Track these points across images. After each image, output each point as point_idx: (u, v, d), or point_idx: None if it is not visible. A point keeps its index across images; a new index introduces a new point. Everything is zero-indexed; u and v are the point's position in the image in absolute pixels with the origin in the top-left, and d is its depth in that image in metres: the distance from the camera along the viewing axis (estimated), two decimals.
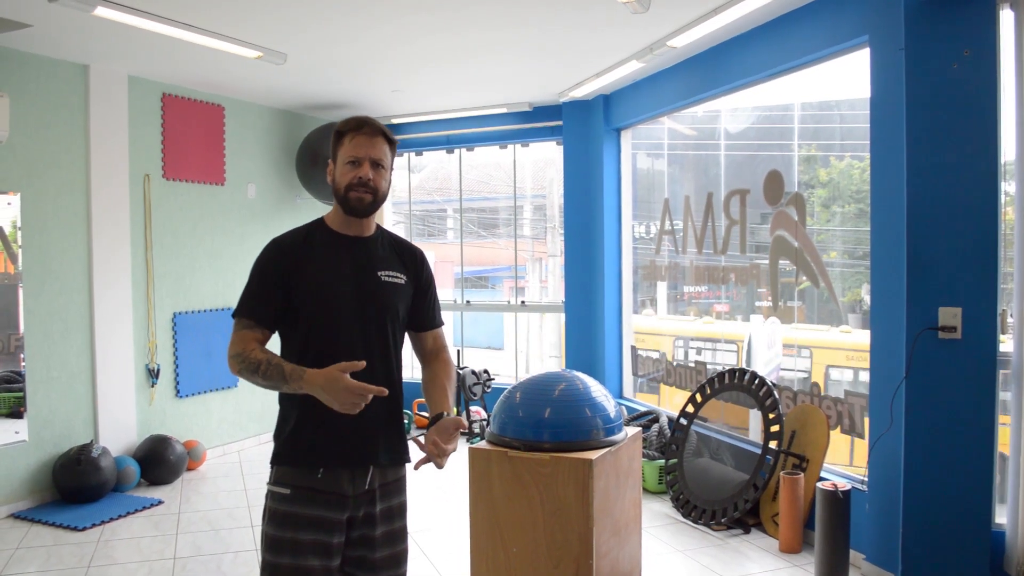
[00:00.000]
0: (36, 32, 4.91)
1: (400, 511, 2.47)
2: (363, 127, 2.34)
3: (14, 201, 5.29)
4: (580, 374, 3.75)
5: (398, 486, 2.46)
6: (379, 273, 2.39)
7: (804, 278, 4.96)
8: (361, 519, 2.33)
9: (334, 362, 2.15)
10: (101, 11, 4.41)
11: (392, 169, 2.46)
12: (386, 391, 2.14)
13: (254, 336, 2.29)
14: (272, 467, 2.35)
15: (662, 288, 7.38)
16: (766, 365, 6.35)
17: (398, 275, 2.43)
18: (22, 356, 5.36)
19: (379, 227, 2.50)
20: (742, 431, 5.54)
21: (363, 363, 2.13)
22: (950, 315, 3.65)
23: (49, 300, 5.50)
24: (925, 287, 3.70)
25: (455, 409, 2.57)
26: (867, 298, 5.90)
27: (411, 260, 2.51)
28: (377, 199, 2.37)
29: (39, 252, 5.44)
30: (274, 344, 2.37)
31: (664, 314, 7.43)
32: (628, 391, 7.12)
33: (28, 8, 4.50)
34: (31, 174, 5.38)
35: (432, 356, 2.58)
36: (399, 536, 2.44)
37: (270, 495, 2.31)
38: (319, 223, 2.44)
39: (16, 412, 5.37)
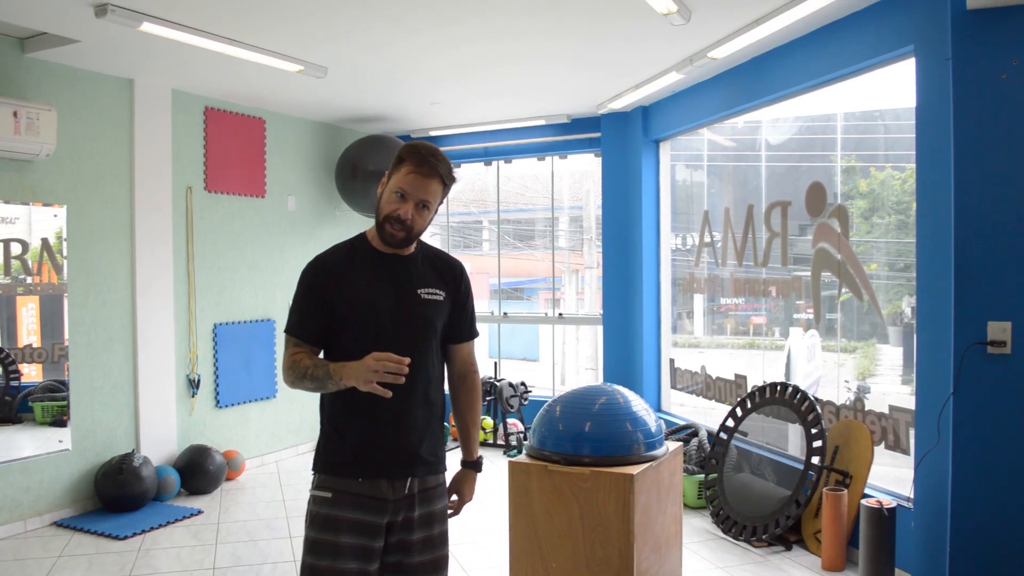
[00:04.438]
0: (83, 47, 5.01)
1: (440, 517, 2.51)
2: (423, 166, 2.33)
3: (60, 213, 5.38)
4: (620, 388, 3.72)
5: (438, 492, 2.50)
6: (419, 291, 2.43)
7: (846, 291, 4.89)
8: (400, 524, 2.38)
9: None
10: (147, 27, 4.49)
11: (441, 202, 2.47)
12: (408, 360, 2.20)
13: (305, 353, 2.37)
14: (314, 473, 2.41)
15: (699, 300, 7.32)
16: (806, 378, 6.26)
17: (437, 292, 2.47)
18: (66, 365, 5.44)
19: (419, 242, 2.52)
20: (779, 446, 5.46)
21: (408, 359, 2.20)
22: (999, 329, 3.57)
23: (93, 311, 5.58)
24: (973, 300, 3.62)
25: (451, 420, 2.71)
26: (908, 311, 5.81)
27: (450, 275, 2.54)
28: (411, 236, 2.40)
29: (84, 263, 5.53)
30: None
31: (700, 326, 7.38)
32: (667, 404, 7.06)
33: (76, 24, 4.59)
34: (77, 187, 5.48)
35: (461, 377, 2.64)
36: (438, 541, 2.49)
37: (312, 499, 2.39)
38: (361, 239, 2.49)
39: (59, 421, 5.44)
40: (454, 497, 2.62)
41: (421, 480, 2.43)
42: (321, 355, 2.43)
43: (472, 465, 2.64)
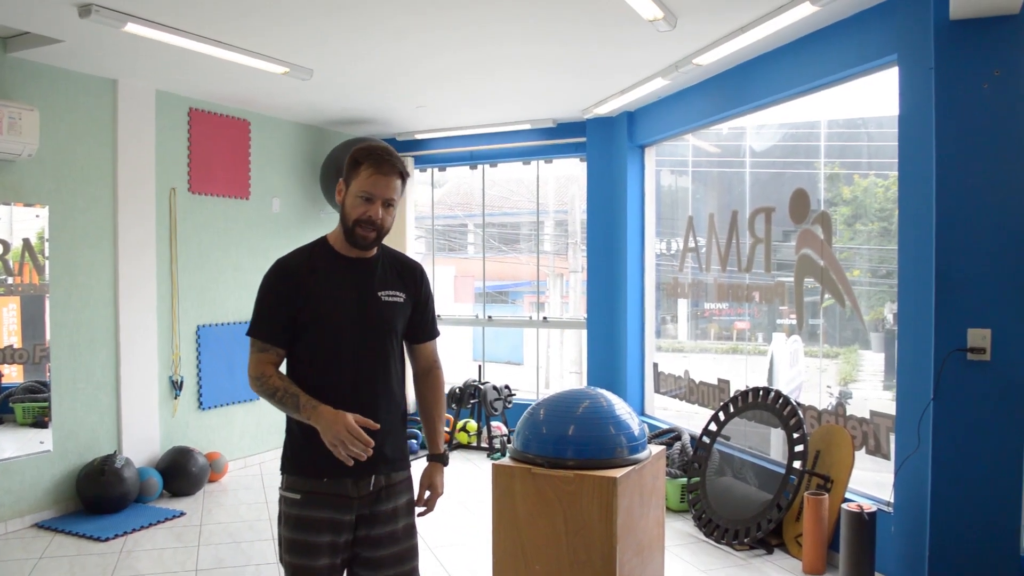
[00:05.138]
0: (66, 48, 4.98)
1: (406, 510, 2.57)
2: (382, 166, 2.40)
3: (42, 214, 5.35)
4: (604, 391, 3.74)
5: (403, 487, 2.58)
6: (379, 293, 2.50)
7: (829, 297, 4.92)
8: (367, 518, 2.47)
9: (337, 379, 2.41)
10: (131, 27, 4.47)
11: (398, 202, 2.53)
12: (377, 425, 2.34)
13: (269, 359, 2.44)
14: (282, 474, 2.49)
15: (683, 305, 7.35)
16: (788, 383, 6.29)
17: (398, 294, 2.55)
18: (48, 366, 5.41)
19: (381, 245, 2.58)
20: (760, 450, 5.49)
21: (378, 425, 2.34)
22: (979, 336, 3.60)
23: (75, 312, 5.55)
24: (954, 307, 3.66)
25: (446, 436, 2.75)
26: (890, 317, 5.85)
27: (410, 277, 2.62)
28: (380, 236, 2.47)
29: (66, 264, 5.49)
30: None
31: (684, 330, 7.41)
32: (650, 408, 7.08)
33: (59, 24, 4.57)
34: (59, 187, 5.44)
35: (424, 373, 2.72)
36: (404, 534, 2.55)
37: (283, 500, 2.47)
38: (322, 243, 2.54)
39: (40, 422, 5.40)
40: (427, 493, 2.65)
41: (386, 477, 2.50)
42: (284, 367, 2.51)
43: (438, 458, 2.68)
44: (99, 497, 5.41)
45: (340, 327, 2.43)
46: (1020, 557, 3.65)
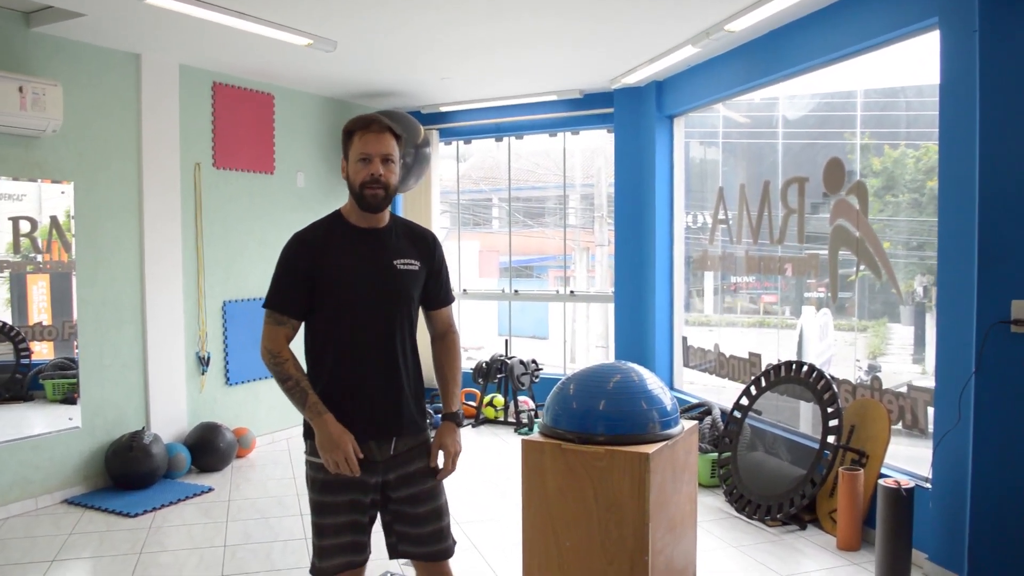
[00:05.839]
0: (89, 21, 4.93)
1: (428, 473, 2.67)
2: (371, 125, 2.52)
3: (67, 190, 5.33)
4: (635, 366, 3.66)
5: (423, 449, 2.68)
6: (395, 262, 2.59)
7: (864, 268, 4.81)
8: (395, 482, 2.59)
9: (357, 348, 2.52)
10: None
11: (399, 162, 2.63)
12: (358, 473, 2.48)
13: (284, 332, 2.53)
14: (306, 440, 2.58)
15: (709, 278, 7.26)
16: (818, 357, 6.20)
17: (412, 262, 2.63)
18: (75, 343, 5.41)
19: (392, 216, 2.69)
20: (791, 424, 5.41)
21: (362, 455, 2.48)
22: None
23: (102, 289, 5.55)
24: (997, 279, 3.55)
25: (461, 397, 2.88)
26: (920, 290, 5.74)
27: (424, 245, 2.71)
28: (389, 193, 2.55)
29: (92, 241, 5.48)
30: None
31: (711, 304, 7.32)
32: (679, 382, 7.01)
33: None
34: (84, 163, 5.42)
35: (440, 336, 2.82)
36: (432, 494, 2.66)
37: (309, 464, 2.59)
38: (337, 216, 2.64)
39: (70, 398, 5.43)
40: (440, 454, 2.69)
41: (405, 440, 2.61)
42: (303, 339, 2.61)
43: (451, 417, 2.73)
44: (128, 473, 5.43)
45: (358, 297, 2.51)
46: None
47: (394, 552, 2.69)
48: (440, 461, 2.69)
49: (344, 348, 2.53)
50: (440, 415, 2.74)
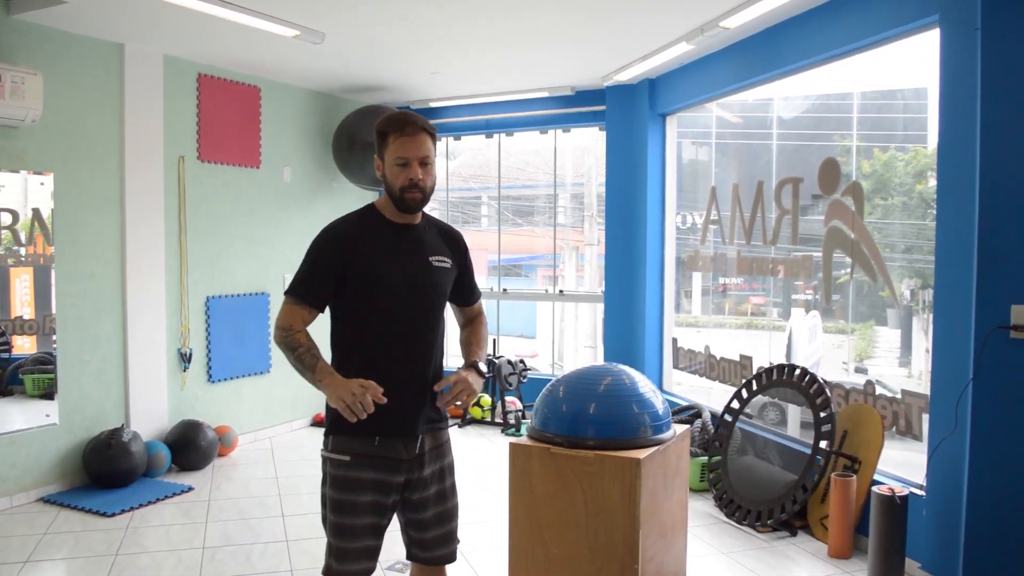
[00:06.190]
0: (70, 9, 4.81)
1: (449, 470, 2.71)
2: (406, 127, 2.47)
3: (47, 182, 5.21)
4: (626, 368, 3.59)
5: (446, 448, 2.71)
6: (430, 258, 2.60)
7: (848, 272, 4.74)
8: (415, 482, 2.58)
9: (391, 342, 2.50)
10: None
11: (435, 160, 2.60)
12: (384, 399, 2.35)
13: (301, 314, 2.49)
14: (328, 436, 2.54)
15: (697, 279, 7.20)
16: (807, 359, 6.14)
17: (445, 260, 2.64)
18: (54, 338, 5.29)
19: (424, 213, 2.67)
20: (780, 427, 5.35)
21: (385, 400, 2.34)
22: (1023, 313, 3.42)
23: (81, 283, 5.42)
24: (997, 283, 3.48)
25: (485, 358, 2.81)
26: (907, 293, 5.69)
27: (454, 244, 2.73)
28: (426, 196, 2.54)
29: (72, 234, 5.36)
30: (322, 328, 2.56)
31: (698, 305, 7.26)
32: (668, 384, 6.93)
33: None
34: (65, 154, 5.30)
35: (470, 320, 2.88)
36: (450, 493, 2.69)
37: (329, 462, 2.53)
38: (371, 210, 2.61)
39: (50, 394, 5.31)
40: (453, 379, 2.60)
41: (431, 437, 2.62)
42: (334, 333, 2.58)
43: (473, 364, 2.69)
44: (106, 471, 5.31)
45: (394, 291, 2.50)
46: None
47: (409, 555, 2.70)
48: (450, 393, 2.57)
49: (376, 343, 2.51)
50: (464, 364, 2.71)
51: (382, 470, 2.50)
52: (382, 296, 2.49)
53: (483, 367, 2.71)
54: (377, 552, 2.57)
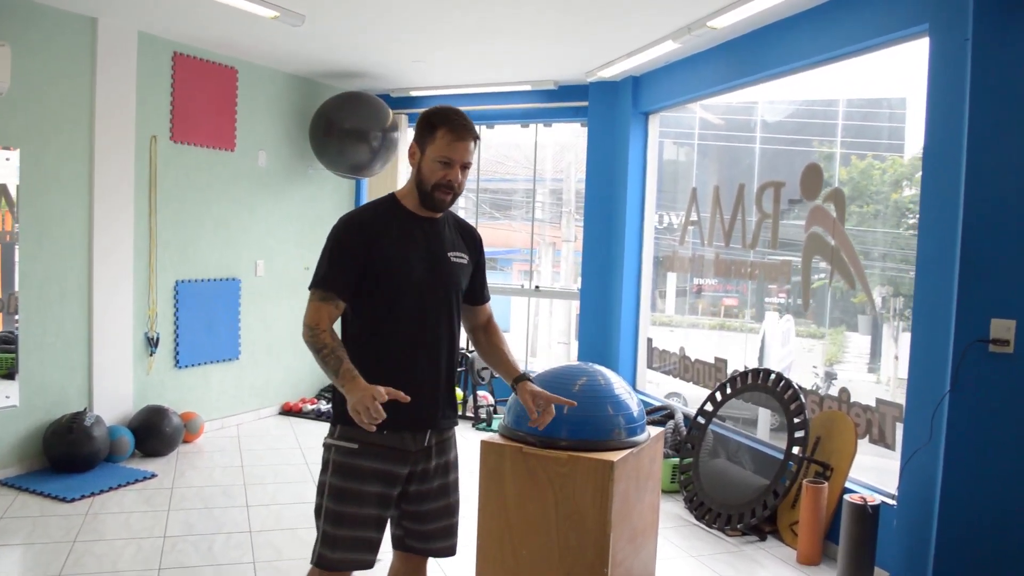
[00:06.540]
0: None
1: (454, 465, 2.69)
2: (459, 130, 2.45)
3: (13, 157, 5.06)
4: (602, 368, 3.54)
5: (451, 442, 2.69)
6: (449, 254, 2.58)
7: (822, 277, 4.73)
8: (419, 474, 2.55)
9: (409, 336, 2.48)
10: None
11: None
12: (408, 398, 2.31)
13: (328, 310, 2.44)
14: (336, 425, 2.51)
15: (672, 279, 7.17)
16: (779, 363, 6.14)
17: (463, 255, 2.63)
18: (17, 317, 5.15)
19: None
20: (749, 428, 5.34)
21: (408, 398, 2.30)
22: (1003, 327, 3.40)
23: (46, 262, 5.28)
24: (977, 295, 3.46)
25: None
26: (879, 300, 5.69)
27: (471, 240, 2.71)
28: (455, 199, 2.55)
29: (38, 212, 5.21)
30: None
31: (672, 305, 7.24)
32: (641, 384, 6.90)
33: None
34: (32, 130, 5.15)
35: (484, 324, 2.83)
36: (452, 488, 2.67)
37: (335, 449, 2.48)
38: (392, 200, 2.57)
39: (11, 375, 5.17)
40: (536, 403, 2.63)
41: (439, 432, 2.60)
42: (352, 324, 2.54)
43: (525, 377, 2.70)
44: (67, 455, 5.18)
45: (414, 285, 2.48)
46: None
47: (400, 544, 2.64)
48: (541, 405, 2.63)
49: (393, 336, 2.49)
50: (513, 378, 2.70)
51: (390, 461, 2.47)
52: (403, 289, 2.47)
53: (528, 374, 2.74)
54: (377, 546, 2.51)
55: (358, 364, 2.40)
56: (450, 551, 2.69)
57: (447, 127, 2.45)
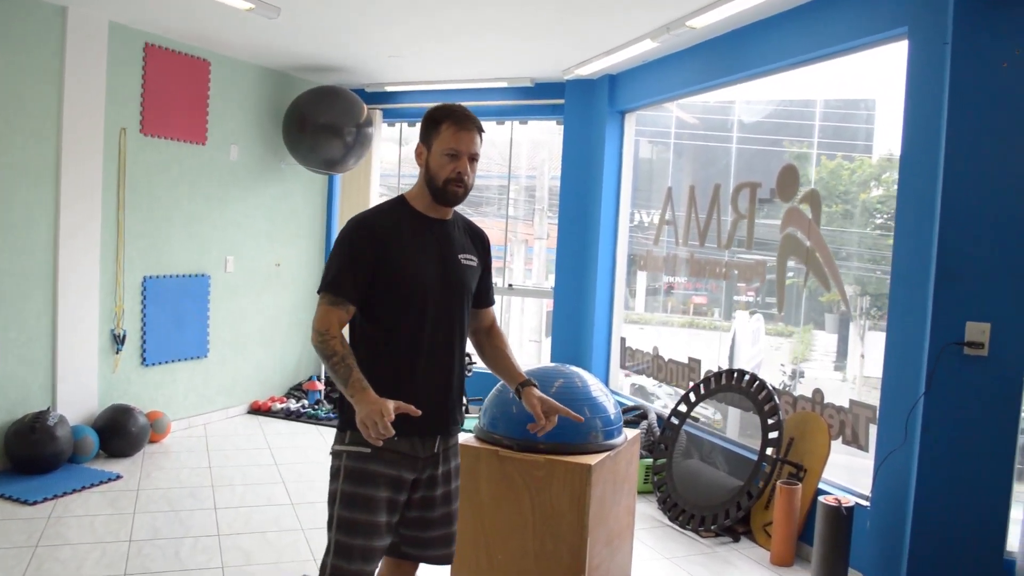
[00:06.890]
0: None
1: (456, 472, 2.66)
2: (463, 121, 2.44)
3: None
4: (578, 370, 3.52)
5: (456, 449, 2.67)
6: (459, 256, 2.56)
7: (792, 276, 4.74)
8: (426, 481, 2.53)
9: (419, 339, 2.45)
10: None
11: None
12: (419, 412, 2.29)
13: (338, 315, 2.40)
14: (345, 431, 2.46)
15: (641, 278, 7.16)
16: (749, 361, 6.15)
17: (472, 258, 2.61)
18: None
19: (453, 210, 2.61)
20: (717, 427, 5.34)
21: (419, 412, 2.28)
22: (978, 330, 3.42)
23: (9, 257, 5.15)
24: (953, 299, 3.47)
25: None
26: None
27: (480, 243, 2.69)
28: (467, 192, 2.51)
29: (1, 204, 5.08)
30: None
31: (642, 303, 7.24)
32: (615, 384, 6.88)
33: None
34: None
35: (488, 329, 2.80)
36: (454, 496, 2.64)
37: (346, 455, 2.45)
38: (402, 202, 2.54)
39: None
40: (540, 411, 2.58)
41: (447, 439, 2.58)
42: (360, 327, 2.50)
43: (530, 383, 2.64)
44: (29, 456, 5.05)
45: (426, 288, 2.46)
46: (1004, 558, 3.51)
47: (394, 551, 2.59)
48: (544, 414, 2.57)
49: (403, 340, 2.45)
50: (518, 384, 2.64)
51: (399, 466, 2.44)
52: (413, 292, 2.44)
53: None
54: (382, 556, 2.50)
55: (367, 368, 2.37)
56: (448, 559, 2.65)
57: (451, 119, 2.44)
